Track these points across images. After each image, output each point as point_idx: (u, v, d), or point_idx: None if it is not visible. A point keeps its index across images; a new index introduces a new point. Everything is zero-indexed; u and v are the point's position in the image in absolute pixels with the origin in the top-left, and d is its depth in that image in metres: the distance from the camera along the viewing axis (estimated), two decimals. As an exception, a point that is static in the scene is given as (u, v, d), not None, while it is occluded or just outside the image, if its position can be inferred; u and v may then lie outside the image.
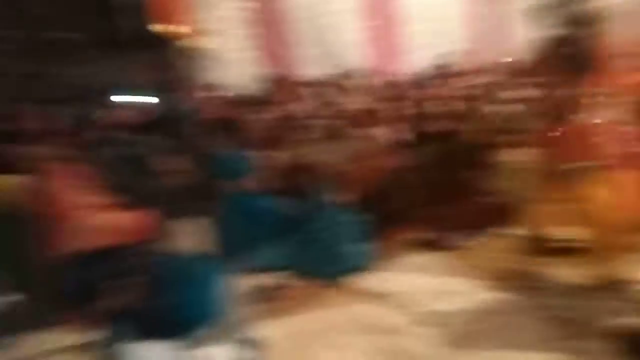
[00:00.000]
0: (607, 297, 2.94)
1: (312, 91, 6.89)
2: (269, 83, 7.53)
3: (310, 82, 7.46)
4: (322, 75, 7.90)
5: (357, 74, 8.06)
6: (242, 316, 2.50)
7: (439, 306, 3.13)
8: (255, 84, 7.73)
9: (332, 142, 4.77)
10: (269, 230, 3.64)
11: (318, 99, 6.60)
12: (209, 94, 7.11)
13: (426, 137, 4.30)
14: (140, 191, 3.63)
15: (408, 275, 3.55)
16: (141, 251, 2.18)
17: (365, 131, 4.49)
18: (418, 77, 7.49)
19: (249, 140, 4.68)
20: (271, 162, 4.14)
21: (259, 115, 5.73)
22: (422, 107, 4.78)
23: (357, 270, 3.56)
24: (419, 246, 3.91)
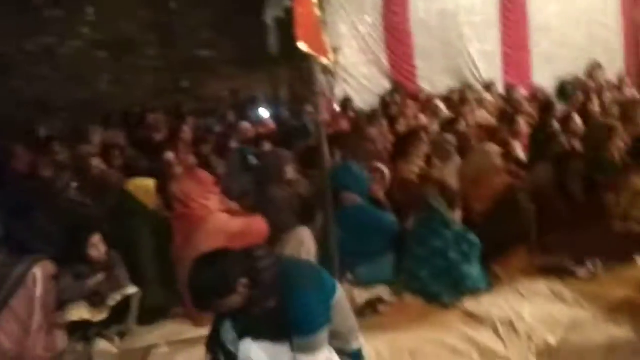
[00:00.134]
0: None
1: (437, 105, 6.79)
2: (393, 97, 7.55)
3: (435, 96, 7.36)
4: (448, 89, 7.76)
5: (484, 88, 7.79)
6: (350, 327, 2.51)
7: (555, 337, 2.89)
8: (379, 98, 7.80)
9: (455, 157, 4.66)
10: (382, 243, 3.65)
11: (442, 113, 6.48)
12: (334, 108, 7.33)
13: (554, 156, 4.03)
14: (260, 199, 3.87)
15: (526, 302, 3.32)
16: (257, 255, 2.28)
17: (488, 147, 4.32)
18: (545, 93, 7.06)
19: (370, 153, 4.75)
20: (391, 176, 4.14)
21: (381, 129, 5.78)
22: (549, 125, 4.49)
23: (472, 292, 3.42)
24: (541, 272, 3.65)
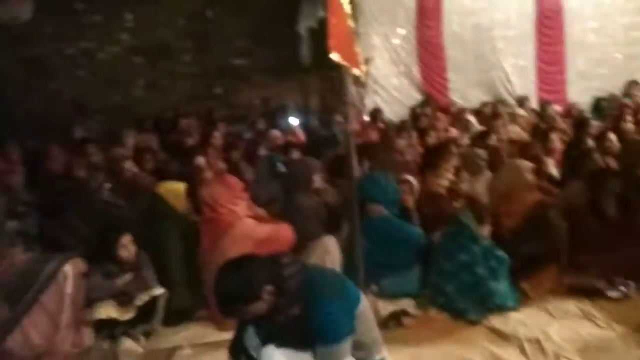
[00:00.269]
0: None
1: (467, 119, 6.72)
2: (423, 109, 7.51)
3: (467, 109, 7.29)
4: (480, 103, 7.68)
5: (517, 103, 7.69)
6: (374, 338, 2.50)
7: (584, 359, 2.81)
8: (409, 110, 7.77)
9: (485, 172, 4.61)
10: (407, 256, 3.62)
11: (473, 127, 6.42)
12: (364, 119, 7.33)
13: (587, 173, 3.94)
14: (287, 206, 3.89)
15: (555, 322, 3.25)
16: (282, 262, 2.29)
17: (520, 163, 4.25)
18: (579, 110, 6.92)
19: (398, 165, 4.73)
20: (419, 188, 4.11)
21: (410, 140, 5.75)
22: (584, 142, 4.39)
23: (499, 309, 3.35)
24: (571, 292, 3.56)
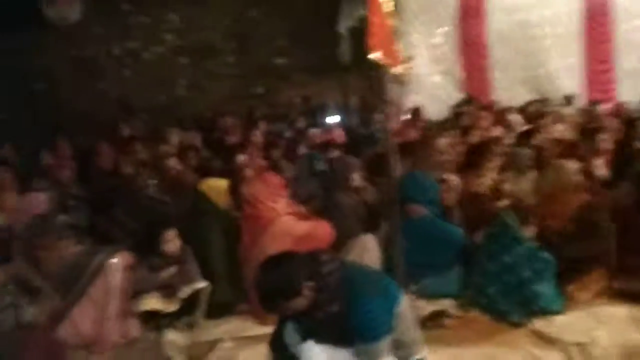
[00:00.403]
0: None
1: (512, 117, 6.58)
2: (465, 107, 7.40)
3: (510, 108, 7.13)
4: (525, 101, 7.50)
5: (564, 102, 7.47)
6: (413, 337, 2.48)
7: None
8: (451, 108, 7.67)
9: (530, 172, 4.51)
10: (448, 256, 3.58)
11: (517, 126, 6.28)
12: (404, 118, 7.27)
13: (637, 174, 3.79)
14: (326, 204, 3.90)
15: (602, 327, 3.14)
16: (322, 259, 2.30)
17: (566, 163, 4.14)
18: (629, 109, 6.65)
19: (439, 164, 4.67)
20: (462, 188, 4.05)
21: (451, 139, 5.67)
22: (633, 142, 4.23)
23: (543, 312, 3.28)
24: (619, 296, 3.45)
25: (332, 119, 7.67)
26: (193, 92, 8.73)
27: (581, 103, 7.57)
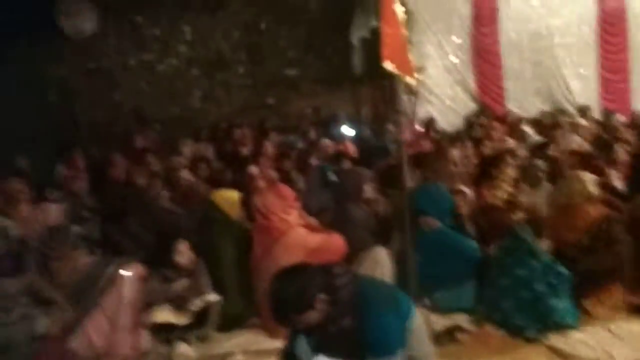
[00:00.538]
0: None
1: (525, 129, 6.53)
2: (479, 118, 7.36)
3: (524, 119, 7.08)
4: (538, 112, 7.45)
5: (578, 112, 7.40)
6: (426, 353, 2.45)
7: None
8: (464, 119, 7.63)
9: (544, 184, 4.46)
10: (461, 269, 3.54)
11: (530, 137, 6.23)
12: (417, 129, 7.25)
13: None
14: (338, 216, 3.88)
15: (619, 343, 3.08)
16: (335, 271, 2.28)
17: (582, 175, 4.08)
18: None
19: (452, 175, 4.64)
20: (475, 200, 4.01)
21: (465, 150, 5.64)
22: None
23: (558, 327, 3.22)
24: (636, 311, 3.38)
25: (344, 130, 7.67)
26: (206, 103, 8.78)
27: (596, 114, 7.50)
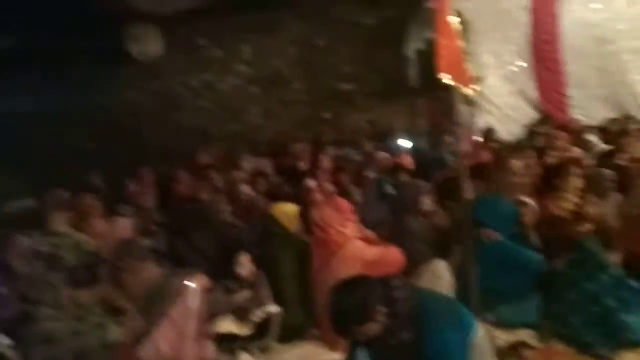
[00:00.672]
0: None
1: (590, 137, 6.28)
2: (541, 127, 7.14)
3: (589, 126, 6.81)
4: (604, 120, 7.13)
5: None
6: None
7: None
8: (525, 128, 7.43)
9: (613, 194, 4.28)
10: (525, 283, 3.45)
11: (595, 146, 5.99)
12: (476, 139, 7.11)
13: None
14: (396, 228, 3.87)
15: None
16: (394, 284, 2.29)
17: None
18: None
19: (514, 186, 4.53)
20: (540, 211, 3.90)
21: (527, 161, 5.48)
22: None
23: (631, 344, 3.08)
24: None
25: (401, 143, 7.64)
26: (264, 119, 8.99)
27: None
